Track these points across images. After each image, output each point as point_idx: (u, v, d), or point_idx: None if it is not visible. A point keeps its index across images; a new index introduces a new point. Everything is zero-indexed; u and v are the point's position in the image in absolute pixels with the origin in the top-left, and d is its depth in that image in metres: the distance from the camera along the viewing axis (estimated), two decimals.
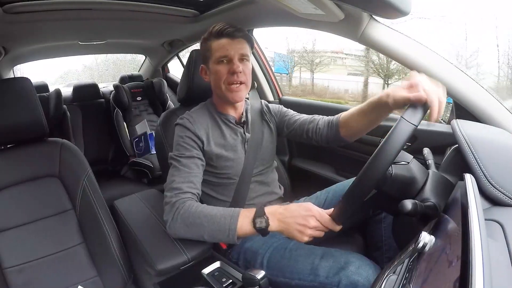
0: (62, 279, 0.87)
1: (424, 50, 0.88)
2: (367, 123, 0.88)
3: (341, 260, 0.76)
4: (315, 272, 0.76)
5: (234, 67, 0.88)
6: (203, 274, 0.76)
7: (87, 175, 0.96)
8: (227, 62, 0.90)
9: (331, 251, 0.80)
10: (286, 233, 0.73)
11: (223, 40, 0.90)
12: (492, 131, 0.81)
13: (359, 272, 0.72)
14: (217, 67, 0.91)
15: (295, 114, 1.07)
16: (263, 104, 1.11)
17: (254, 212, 0.74)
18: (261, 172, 1.01)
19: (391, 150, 0.60)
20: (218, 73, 0.91)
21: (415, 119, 0.62)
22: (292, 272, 0.79)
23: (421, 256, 0.50)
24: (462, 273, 0.35)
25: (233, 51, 0.89)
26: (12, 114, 0.88)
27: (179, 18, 1.43)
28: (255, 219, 0.73)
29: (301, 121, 1.03)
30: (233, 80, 0.89)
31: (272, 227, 0.73)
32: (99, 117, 2.31)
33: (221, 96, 0.94)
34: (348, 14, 0.87)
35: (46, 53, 2.07)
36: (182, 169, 0.85)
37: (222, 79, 0.90)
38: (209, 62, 0.93)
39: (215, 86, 0.94)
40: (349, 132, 0.94)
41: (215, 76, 0.92)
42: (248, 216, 0.74)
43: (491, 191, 0.65)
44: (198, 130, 0.92)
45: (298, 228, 0.71)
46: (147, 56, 2.58)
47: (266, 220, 0.72)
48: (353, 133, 0.94)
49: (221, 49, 0.89)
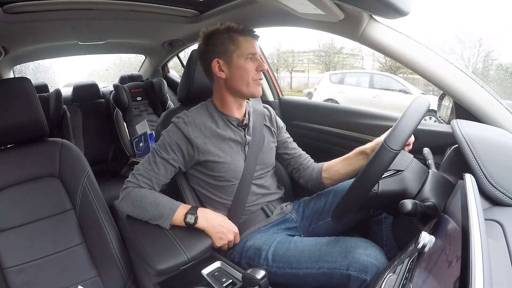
0: (62, 279, 0.87)
1: (424, 50, 0.88)
2: (347, 168, 0.99)
3: (348, 244, 0.77)
4: (323, 258, 0.77)
5: (262, 65, 0.94)
6: (203, 274, 0.76)
7: (87, 175, 0.96)
8: (252, 60, 0.93)
9: (336, 238, 0.82)
10: (208, 232, 0.85)
11: (249, 38, 0.93)
12: (492, 131, 0.81)
13: (367, 253, 0.73)
14: (245, 63, 0.92)
15: (293, 142, 1.12)
16: (268, 110, 1.11)
17: (188, 208, 0.87)
18: (260, 176, 1.00)
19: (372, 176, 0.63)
20: (246, 69, 0.92)
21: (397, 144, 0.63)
22: (300, 262, 0.80)
23: (421, 256, 0.50)
24: (462, 273, 0.35)
25: (258, 50, 0.94)
26: (12, 114, 0.88)
27: (179, 18, 1.43)
28: (187, 214, 0.85)
29: (297, 155, 1.10)
30: (259, 77, 0.94)
31: (199, 224, 0.85)
32: (99, 117, 2.31)
33: (241, 91, 0.94)
34: (348, 14, 0.87)
35: (46, 53, 2.07)
36: (151, 166, 0.91)
37: (250, 75, 0.92)
38: (232, 56, 0.92)
39: (238, 81, 0.93)
40: (330, 175, 1.03)
41: (242, 72, 0.92)
42: (183, 211, 0.86)
43: (491, 191, 0.65)
44: (192, 132, 0.91)
45: (220, 235, 0.86)
46: (147, 56, 2.58)
47: (196, 218, 0.85)
48: (333, 176, 1.02)
49: (251, 46, 0.92)
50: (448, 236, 0.49)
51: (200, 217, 0.85)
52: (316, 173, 1.05)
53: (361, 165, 0.95)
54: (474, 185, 0.51)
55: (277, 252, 0.85)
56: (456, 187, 0.64)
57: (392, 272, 0.54)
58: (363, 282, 0.71)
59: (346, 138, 1.35)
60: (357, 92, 6.93)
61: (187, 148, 0.91)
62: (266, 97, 1.66)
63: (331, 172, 1.02)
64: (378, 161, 0.62)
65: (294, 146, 1.11)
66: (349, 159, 0.98)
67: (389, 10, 0.73)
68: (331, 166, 1.03)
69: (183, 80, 1.12)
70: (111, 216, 0.96)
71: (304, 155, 1.11)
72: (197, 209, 0.87)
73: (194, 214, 0.85)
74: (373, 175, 0.63)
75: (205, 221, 0.85)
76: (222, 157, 0.93)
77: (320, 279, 0.77)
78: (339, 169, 1.00)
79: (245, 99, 1.00)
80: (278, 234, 0.92)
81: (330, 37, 11.12)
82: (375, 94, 6.67)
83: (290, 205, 1.05)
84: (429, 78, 0.88)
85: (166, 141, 0.91)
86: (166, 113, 1.15)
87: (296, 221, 1.02)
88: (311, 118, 1.49)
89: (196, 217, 0.85)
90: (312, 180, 1.06)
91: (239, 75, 0.93)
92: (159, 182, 0.91)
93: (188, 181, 1.01)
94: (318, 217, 1.01)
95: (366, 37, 0.90)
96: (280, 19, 1.17)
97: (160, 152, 0.91)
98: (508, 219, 0.56)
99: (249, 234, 0.95)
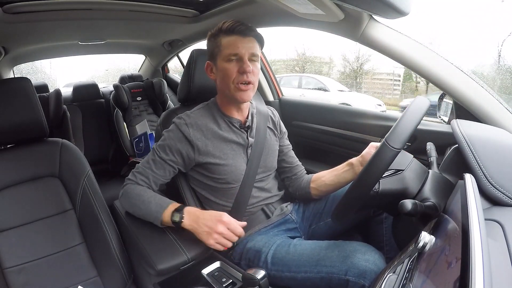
0: (62, 279, 0.87)
1: (424, 50, 0.88)
2: (333, 179, 0.97)
3: (347, 249, 0.76)
4: (321, 263, 0.77)
5: (245, 66, 0.85)
6: (203, 274, 0.76)
7: (87, 175, 0.96)
8: (237, 60, 0.87)
9: (336, 242, 0.81)
10: (196, 233, 0.80)
11: (234, 37, 0.87)
12: (492, 131, 0.81)
13: (366, 258, 0.73)
14: (226, 65, 0.87)
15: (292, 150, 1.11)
16: (272, 112, 1.09)
17: (177, 207, 0.83)
18: (262, 179, 0.99)
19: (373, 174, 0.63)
20: (227, 71, 0.87)
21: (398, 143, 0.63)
22: (298, 265, 0.79)
23: (421, 256, 0.50)
24: (462, 273, 0.35)
25: (244, 49, 0.86)
26: (12, 114, 0.88)
27: (179, 18, 1.43)
28: (174, 212, 0.82)
29: (294, 166, 1.09)
30: (242, 80, 0.86)
31: (184, 224, 0.81)
32: (99, 117, 2.31)
33: (228, 95, 0.91)
34: (348, 14, 0.87)
35: (46, 53, 2.07)
36: (149, 165, 0.91)
37: (231, 78, 0.87)
38: (217, 58, 0.90)
39: (222, 84, 0.90)
40: (316, 185, 1.01)
41: (223, 74, 0.88)
42: (171, 209, 0.83)
43: (491, 191, 0.65)
44: (193, 134, 0.90)
45: (206, 230, 0.78)
46: (147, 56, 2.58)
47: (181, 217, 0.81)
48: (319, 187, 1.01)
49: (232, 46, 0.86)
50: (448, 236, 0.49)
51: (186, 216, 0.81)
52: (304, 183, 1.04)
53: (347, 177, 0.94)
54: (474, 185, 0.51)
55: (276, 255, 0.84)
56: (456, 187, 0.64)
57: (392, 272, 0.54)
58: (361, 287, 0.71)
59: (346, 138, 1.35)
60: (288, 91, 7.97)
61: (187, 150, 0.90)
62: (266, 97, 1.66)
63: (318, 183, 1.01)
64: (379, 159, 0.62)
65: (293, 155, 1.10)
66: (336, 171, 0.97)
67: (389, 10, 0.73)
68: (319, 177, 1.01)
69: (183, 80, 1.12)
70: (111, 216, 0.96)
71: (300, 166, 1.10)
72: (184, 208, 0.83)
73: (181, 213, 0.81)
74: (374, 173, 0.63)
75: (190, 220, 0.80)
76: (223, 159, 0.91)
77: (318, 284, 0.77)
78: (325, 180, 0.99)
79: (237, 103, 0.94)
80: (278, 237, 0.92)
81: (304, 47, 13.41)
82: (301, 93, 8.09)
83: (290, 206, 1.05)
84: (429, 78, 0.88)
85: (166, 142, 0.91)
86: (166, 113, 1.15)
87: (296, 222, 1.02)
88: (311, 118, 1.49)
89: (182, 216, 0.81)
90: (300, 190, 1.05)
91: (221, 78, 0.90)
92: (157, 181, 0.91)
93: (188, 182, 1.00)
94: (319, 218, 1.01)
95: (366, 37, 0.90)
96: (280, 19, 1.17)
97: (159, 152, 0.90)
98: (508, 219, 0.56)
99: (249, 236, 0.94)
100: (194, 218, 0.80)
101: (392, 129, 0.64)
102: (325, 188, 0.99)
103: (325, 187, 0.99)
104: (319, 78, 9.16)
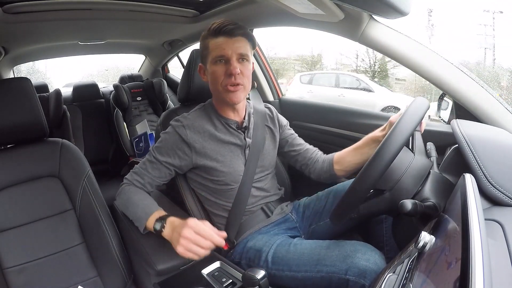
0: (62, 279, 0.87)
1: (425, 50, 0.88)
2: (360, 158, 0.94)
3: (347, 248, 0.76)
4: (321, 262, 0.76)
5: (231, 68, 0.84)
6: (203, 274, 0.75)
7: (87, 175, 0.96)
8: (225, 62, 0.86)
9: (336, 241, 0.81)
10: (171, 242, 0.76)
11: (221, 39, 0.85)
12: (492, 131, 0.81)
13: (366, 257, 0.73)
14: (213, 68, 0.87)
15: (298, 137, 1.08)
16: (270, 109, 1.08)
17: (160, 215, 0.81)
18: (260, 179, 0.99)
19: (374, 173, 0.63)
20: (214, 74, 0.87)
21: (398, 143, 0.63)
22: (298, 265, 0.79)
23: (421, 256, 0.50)
24: (462, 273, 0.35)
25: (231, 50, 0.84)
26: (12, 114, 0.88)
27: (179, 18, 1.43)
28: (156, 221, 0.80)
29: (304, 151, 1.06)
30: (229, 82, 0.85)
31: (164, 233, 0.78)
32: (99, 117, 2.31)
33: (219, 97, 0.92)
34: (348, 14, 0.87)
35: (46, 53, 2.07)
36: (145, 166, 0.91)
37: (219, 81, 0.87)
38: (206, 61, 0.90)
39: (212, 87, 0.91)
40: (343, 167, 0.98)
41: (212, 77, 0.89)
42: (155, 217, 0.81)
43: (491, 191, 0.65)
44: (191, 136, 0.90)
45: (175, 236, 0.74)
46: (147, 56, 2.58)
47: (162, 226, 0.78)
48: (346, 167, 0.98)
49: (218, 48, 0.85)
50: (448, 236, 0.49)
51: (167, 225, 0.78)
52: (327, 166, 1.01)
53: (369, 150, 0.91)
54: (474, 185, 0.51)
55: (277, 254, 0.84)
56: (456, 187, 0.64)
57: (392, 272, 0.54)
58: (362, 287, 0.71)
59: (346, 138, 1.35)
60: (323, 91, 7.31)
61: (184, 152, 0.90)
62: (266, 97, 1.66)
63: (344, 163, 0.98)
64: (379, 159, 0.62)
65: (300, 142, 1.08)
66: (361, 148, 0.94)
67: (389, 10, 0.73)
68: (343, 157, 0.98)
69: (183, 80, 1.12)
70: (111, 216, 0.96)
71: (311, 149, 1.07)
72: (168, 218, 0.79)
73: (163, 222, 0.78)
74: (375, 172, 0.62)
75: (169, 229, 0.77)
76: (221, 161, 0.91)
77: (318, 283, 0.77)
78: (351, 159, 0.96)
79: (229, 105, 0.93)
80: (279, 236, 0.92)
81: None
82: (340, 93, 7.12)
83: (290, 205, 1.05)
84: (429, 78, 0.88)
85: (163, 144, 0.91)
86: (166, 113, 1.15)
87: (296, 221, 1.02)
88: (311, 118, 1.48)
89: (163, 225, 0.78)
90: (324, 173, 1.02)
91: (211, 81, 0.90)
92: (152, 182, 0.91)
93: (188, 183, 1.00)
94: (319, 218, 1.01)
95: (366, 37, 0.90)
96: (280, 19, 1.17)
97: (155, 153, 0.91)
98: (508, 219, 0.56)
99: (250, 235, 0.94)
100: (172, 227, 0.77)
101: (392, 129, 0.64)
102: (353, 167, 0.97)
103: (353, 166, 0.96)
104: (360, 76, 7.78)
